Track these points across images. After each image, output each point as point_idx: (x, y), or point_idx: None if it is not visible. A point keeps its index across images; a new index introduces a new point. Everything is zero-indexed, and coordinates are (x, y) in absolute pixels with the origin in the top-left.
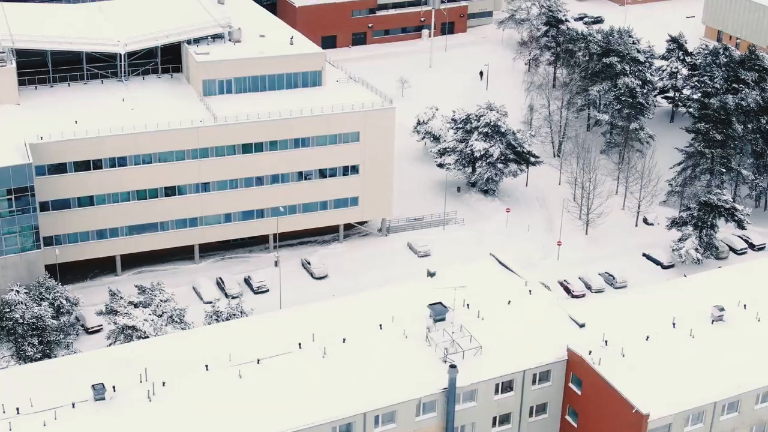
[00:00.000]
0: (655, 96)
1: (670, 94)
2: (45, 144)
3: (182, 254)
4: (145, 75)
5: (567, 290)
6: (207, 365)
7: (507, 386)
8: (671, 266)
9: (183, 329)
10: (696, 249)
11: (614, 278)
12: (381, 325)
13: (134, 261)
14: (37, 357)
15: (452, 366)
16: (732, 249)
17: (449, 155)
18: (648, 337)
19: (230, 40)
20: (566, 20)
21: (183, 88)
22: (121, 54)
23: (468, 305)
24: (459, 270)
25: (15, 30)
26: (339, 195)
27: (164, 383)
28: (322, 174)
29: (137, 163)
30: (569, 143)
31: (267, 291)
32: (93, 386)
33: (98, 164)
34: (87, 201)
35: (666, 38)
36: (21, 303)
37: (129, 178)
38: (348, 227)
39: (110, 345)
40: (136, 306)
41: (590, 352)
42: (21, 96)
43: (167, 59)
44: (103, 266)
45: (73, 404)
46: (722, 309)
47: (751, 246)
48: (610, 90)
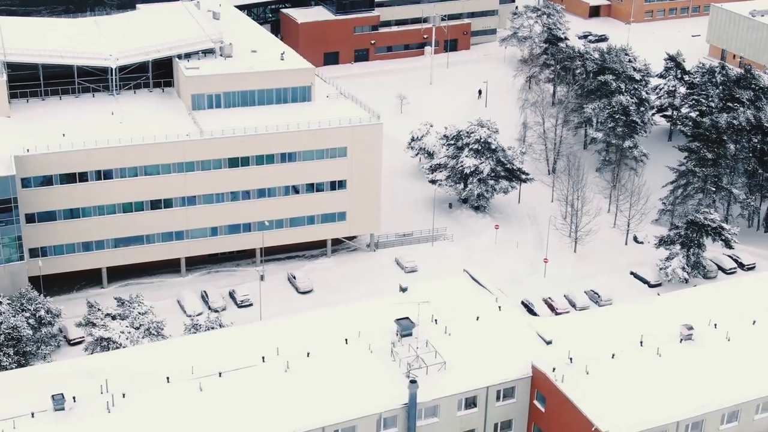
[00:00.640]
0: (653, 114)
1: (669, 113)
2: (31, 156)
3: (169, 267)
4: (137, 89)
5: (551, 308)
6: (168, 377)
7: (471, 402)
8: (658, 285)
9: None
10: (683, 268)
11: (599, 296)
12: (347, 340)
13: (121, 273)
14: (12, 367)
15: (412, 381)
16: (721, 268)
17: (440, 171)
18: (614, 355)
19: (221, 55)
20: (566, 38)
21: (173, 103)
22: (112, 68)
23: (436, 321)
24: (431, 285)
25: (7, 43)
26: (326, 210)
27: (124, 395)
28: (310, 189)
29: (123, 176)
30: (563, 161)
31: (251, 305)
32: (53, 396)
33: (84, 177)
34: (73, 213)
35: (675, 56)
36: None
37: (115, 191)
38: (337, 242)
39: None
40: (114, 318)
41: (554, 369)
42: (12, 109)
43: (160, 74)
44: (90, 278)
45: (33, 414)
46: (691, 328)
47: (741, 266)
48: (605, 108)
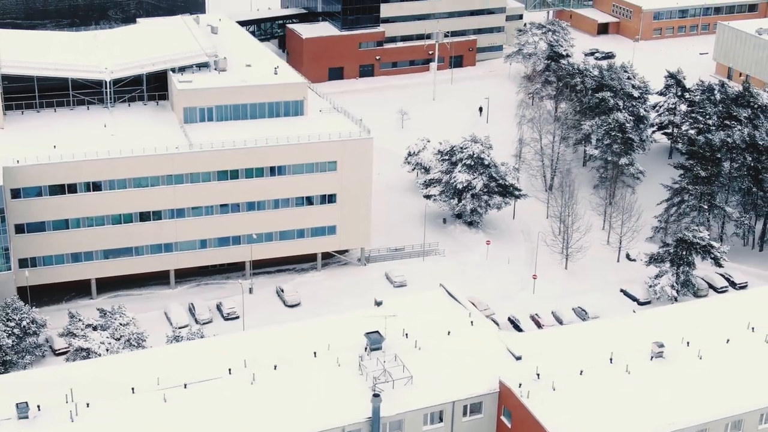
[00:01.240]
0: (654, 132)
1: (670, 131)
2: (20, 167)
3: (158, 279)
4: (132, 102)
5: (538, 324)
6: (133, 388)
7: (437, 417)
8: (647, 303)
9: None
10: (672, 286)
11: (586, 313)
12: (315, 353)
13: (110, 285)
14: None
15: (375, 395)
16: (712, 287)
17: (434, 186)
18: (582, 372)
19: (215, 69)
20: (567, 55)
21: (166, 116)
22: (107, 81)
23: (407, 335)
24: (407, 299)
25: (4, 56)
26: (316, 223)
27: (88, 404)
28: (300, 202)
29: (112, 188)
30: (559, 177)
31: (237, 317)
32: (17, 405)
33: (74, 188)
34: (62, 224)
35: (675, 74)
36: None
37: (104, 203)
38: (328, 256)
39: None
40: (95, 329)
41: (520, 385)
42: (7, 120)
43: (155, 87)
44: (80, 289)
45: None
46: (662, 345)
47: (733, 284)
48: (602, 125)
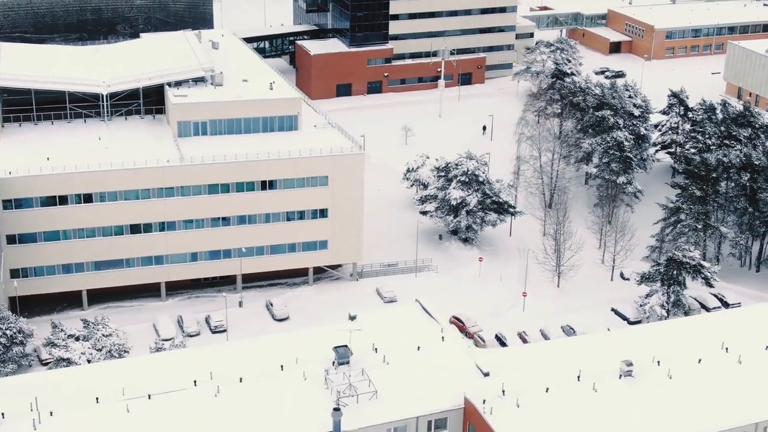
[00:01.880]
0: (657, 151)
1: (673, 150)
2: (12, 179)
3: (150, 291)
4: (129, 115)
5: (524, 341)
6: (97, 398)
7: None
8: (638, 322)
9: None
10: (662, 305)
11: (574, 331)
12: (282, 366)
13: (102, 296)
14: None
15: (336, 409)
16: (704, 307)
17: (430, 202)
18: (548, 389)
19: (212, 84)
20: (572, 73)
21: (162, 129)
22: (103, 94)
23: (376, 349)
24: (381, 314)
25: (3, 69)
26: (308, 238)
27: (51, 413)
28: (291, 216)
29: (103, 200)
30: (558, 195)
31: (225, 330)
32: None
33: (65, 200)
34: (54, 236)
35: (692, 94)
36: None
37: (95, 215)
38: (320, 271)
39: None
40: (78, 339)
41: (484, 401)
42: (4, 132)
43: (153, 101)
44: (72, 300)
45: None
46: (630, 364)
47: (726, 305)
48: (602, 143)
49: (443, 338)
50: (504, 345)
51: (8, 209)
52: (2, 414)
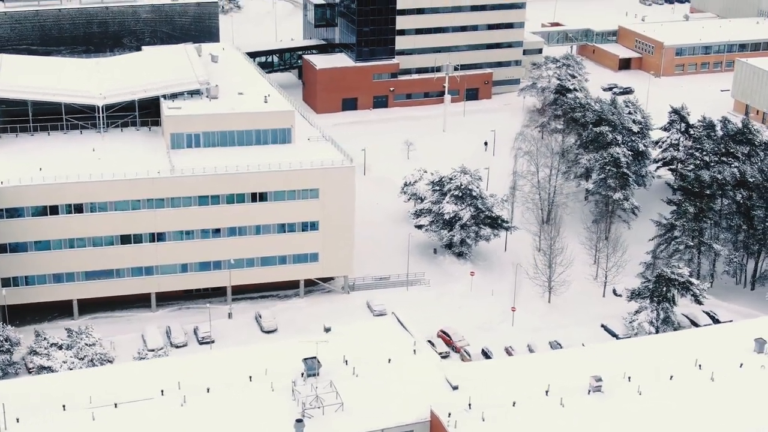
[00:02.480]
0: (658, 168)
1: (674, 166)
2: (3, 188)
3: (141, 302)
4: (125, 127)
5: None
6: (64, 405)
7: None
8: (627, 338)
9: None
10: (650, 322)
11: (561, 347)
12: (251, 377)
13: (93, 306)
14: None
15: (299, 420)
16: (695, 324)
17: (424, 216)
18: (515, 404)
19: (207, 97)
20: (575, 89)
21: (157, 141)
22: (99, 106)
23: (347, 361)
24: (356, 326)
25: (1, 80)
26: (298, 250)
27: (18, 419)
28: (281, 229)
29: (93, 211)
30: (555, 211)
31: (212, 342)
32: None
33: (55, 210)
34: (44, 245)
35: (699, 111)
36: None
37: (85, 225)
38: (312, 283)
39: None
40: (61, 348)
41: (449, 415)
42: (0, 142)
43: (149, 113)
44: (63, 310)
45: None
46: (599, 380)
47: (717, 322)
48: (599, 159)
49: (415, 351)
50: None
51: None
52: None
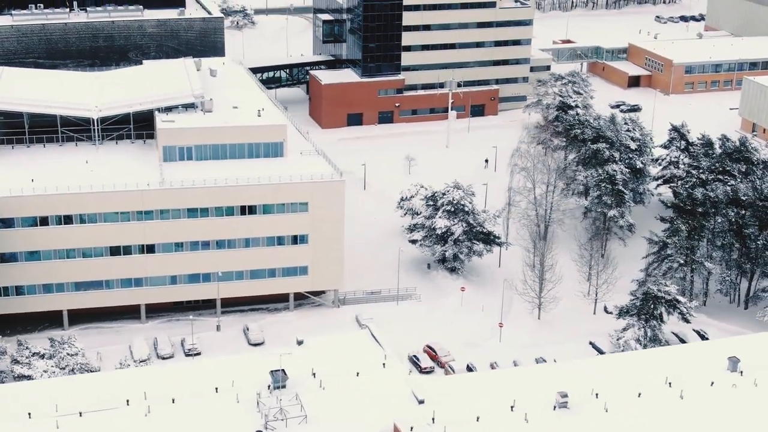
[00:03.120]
0: (659, 185)
1: (675, 184)
2: None
3: (132, 313)
4: (120, 140)
5: None
6: (30, 413)
7: None
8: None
9: None
10: (637, 340)
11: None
12: (217, 389)
13: (84, 317)
14: None
15: None
16: (684, 343)
17: (418, 231)
18: (478, 418)
19: (201, 110)
20: (577, 106)
21: (150, 154)
22: (94, 119)
23: (315, 374)
24: (329, 339)
25: (2, 92)
26: (287, 263)
27: None
28: (270, 242)
29: (83, 222)
30: (552, 228)
31: (199, 354)
32: None
33: (45, 221)
34: (35, 256)
35: (707, 130)
36: None
37: (75, 236)
38: (303, 297)
39: None
40: (43, 357)
41: (412, 429)
42: None
43: (144, 126)
44: (55, 320)
45: None
46: (565, 395)
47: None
48: (595, 176)
49: (384, 365)
50: None
51: None
52: None
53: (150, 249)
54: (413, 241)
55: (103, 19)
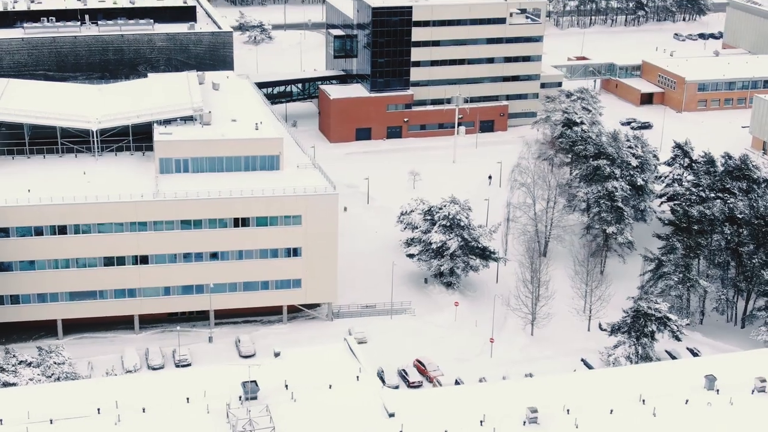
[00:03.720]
0: (663, 203)
1: (679, 201)
2: None
3: (126, 323)
4: (119, 152)
5: None
6: (1, 419)
7: None
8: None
9: None
10: (628, 357)
11: None
12: (188, 399)
13: (78, 326)
14: None
15: None
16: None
17: (415, 246)
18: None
19: (200, 123)
20: (582, 122)
21: (148, 166)
22: (93, 130)
23: (287, 386)
24: (305, 351)
25: (2, 104)
26: (280, 276)
27: None
28: (264, 254)
29: (78, 232)
30: (553, 243)
31: (189, 365)
32: None
33: (40, 231)
34: (29, 265)
35: (717, 147)
36: None
37: (69, 246)
38: (297, 310)
39: None
40: (30, 365)
41: None
42: None
43: (144, 138)
44: (50, 329)
45: None
46: (535, 411)
47: None
48: (595, 192)
49: (358, 378)
50: None
51: None
52: None
53: (144, 260)
54: (410, 256)
55: (113, 33)
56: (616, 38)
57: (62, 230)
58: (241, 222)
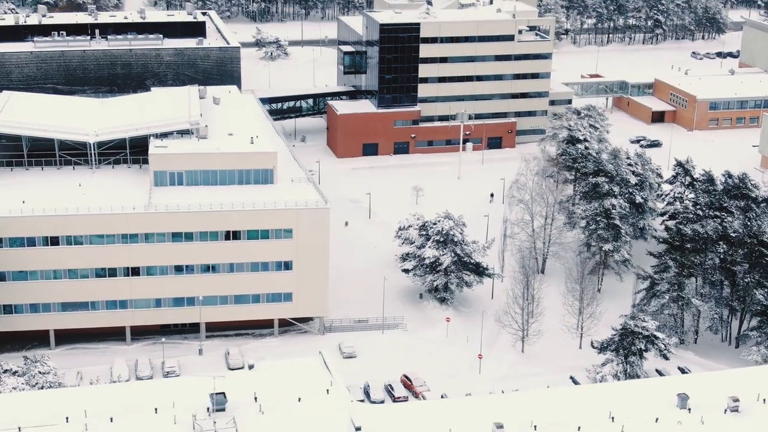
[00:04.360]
0: (664, 221)
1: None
2: None
3: (118, 334)
4: (117, 164)
5: None
6: None
7: None
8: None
9: None
10: (615, 375)
11: None
12: (156, 409)
13: (71, 337)
14: None
15: None
16: None
17: (410, 261)
18: None
19: (196, 137)
20: (585, 140)
21: (144, 179)
22: (90, 143)
23: (256, 398)
24: (279, 364)
25: (2, 116)
26: (271, 289)
27: None
28: (254, 267)
29: (70, 244)
30: (549, 260)
31: (178, 376)
32: None
33: (32, 242)
34: (22, 275)
35: (729, 168)
36: None
37: (61, 257)
38: (289, 323)
39: None
40: (15, 374)
41: None
42: None
43: (141, 151)
44: (42, 339)
45: None
46: (501, 426)
47: None
48: (593, 210)
49: (328, 391)
50: None
51: None
52: None
53: (135, 272)
54: (405, 271)
55: (122, 47)
56: (633, 56)
57: (55, 241)
58: (233, 235)
